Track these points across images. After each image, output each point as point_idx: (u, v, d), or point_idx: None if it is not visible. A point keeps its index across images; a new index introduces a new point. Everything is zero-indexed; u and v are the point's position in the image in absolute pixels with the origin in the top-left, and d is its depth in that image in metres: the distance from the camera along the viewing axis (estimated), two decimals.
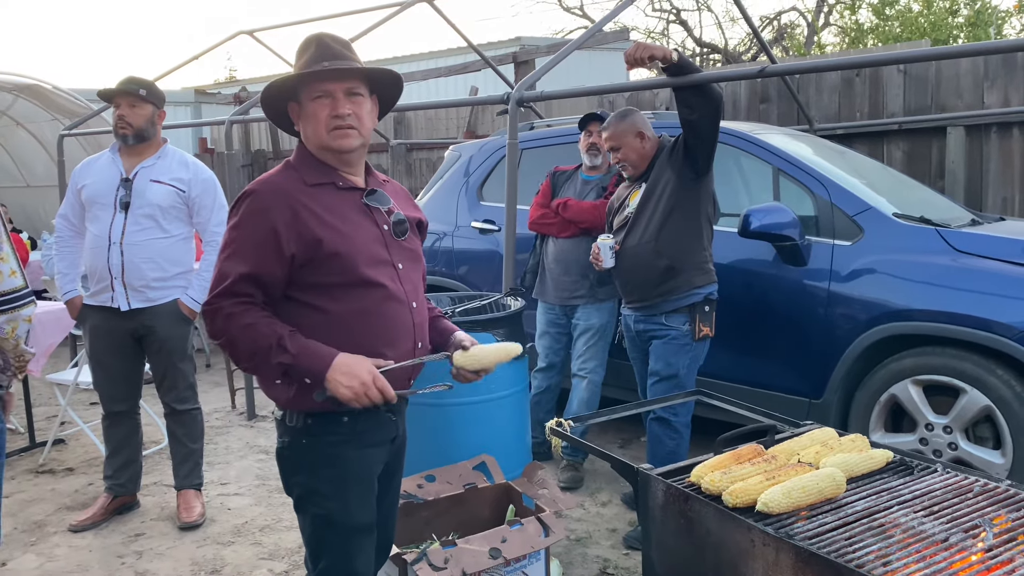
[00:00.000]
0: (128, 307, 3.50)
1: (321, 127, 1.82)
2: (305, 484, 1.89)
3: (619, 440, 4.55)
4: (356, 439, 1.87)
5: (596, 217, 3.92)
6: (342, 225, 1.82)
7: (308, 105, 1.84)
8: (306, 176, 1.84)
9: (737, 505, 1.84)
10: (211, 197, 3.61)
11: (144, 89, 3.53)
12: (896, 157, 5.85)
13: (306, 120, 1.86)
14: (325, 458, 1.86)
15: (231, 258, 1.77)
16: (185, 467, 3.72)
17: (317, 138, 1.84)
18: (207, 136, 12.33)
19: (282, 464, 1.93)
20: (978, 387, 3.16)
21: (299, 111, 1.88)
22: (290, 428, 1.87)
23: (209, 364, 6.73)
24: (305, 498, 1.91)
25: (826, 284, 3.57)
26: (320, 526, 1.90)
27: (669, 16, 20.81)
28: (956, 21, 13.79)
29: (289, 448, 1.89)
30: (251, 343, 1.74)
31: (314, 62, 1.82)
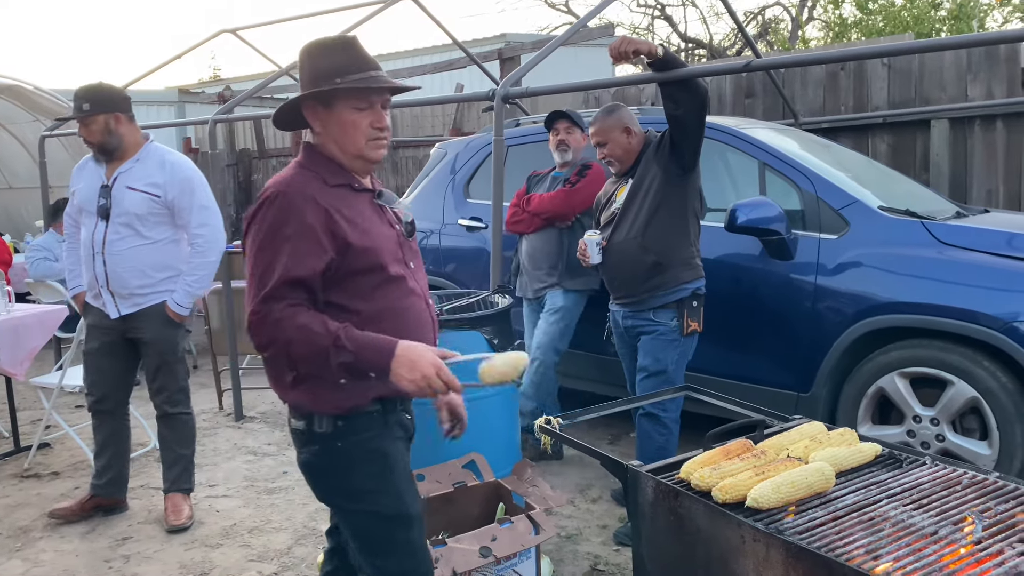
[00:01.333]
0: (118, 314, 3.47)
1: (361, 137, 1.82)
2: (349, 487, 1.84)
3: (608, 436, 4.56)
4: (388, 431, 1.86)
5: (556, 206, 3.98)
6: (366, 224, 1.81)
7: (345, 113, 1.81)
8: (326, 177, 1.82)
9: (727, 501, 1.83)
10: (188, 198, 3.48)
11: (87, 103, 3.39)
12: (881, 150, 5.87)
13: (339, 127, 1.82)
14: (365, 456, 1.82)
15: (271, 262, 1.70)
16: (174, 471, 3.68)
17: (354, 147, 1.83)
18: (191, 136, 12.25)
19: (315, 474, 1.87)
20: (965, 379, 3.18)
21: (324, 114, 1.84)
22: (319, 435, 1.81)
23: (196, 366, 6.69)
24: (354, 501, 1.85)
25: (813, 278, 3.58)
26: (380, 524, 1.85)
27: (654, 12, 20.83)
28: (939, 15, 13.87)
29: (322, 455, 1.83)
30: (307, 345, 1.67)
31: (355, 69, 1.79)
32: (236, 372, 5.19)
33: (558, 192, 4.02)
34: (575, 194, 3.97)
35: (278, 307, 1.67)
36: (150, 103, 13.33)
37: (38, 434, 4.60)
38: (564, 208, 3.98)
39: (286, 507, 3.77)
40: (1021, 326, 3.08)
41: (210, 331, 5.46)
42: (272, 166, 10.43)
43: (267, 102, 11.74)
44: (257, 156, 10.80)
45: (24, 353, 4.34)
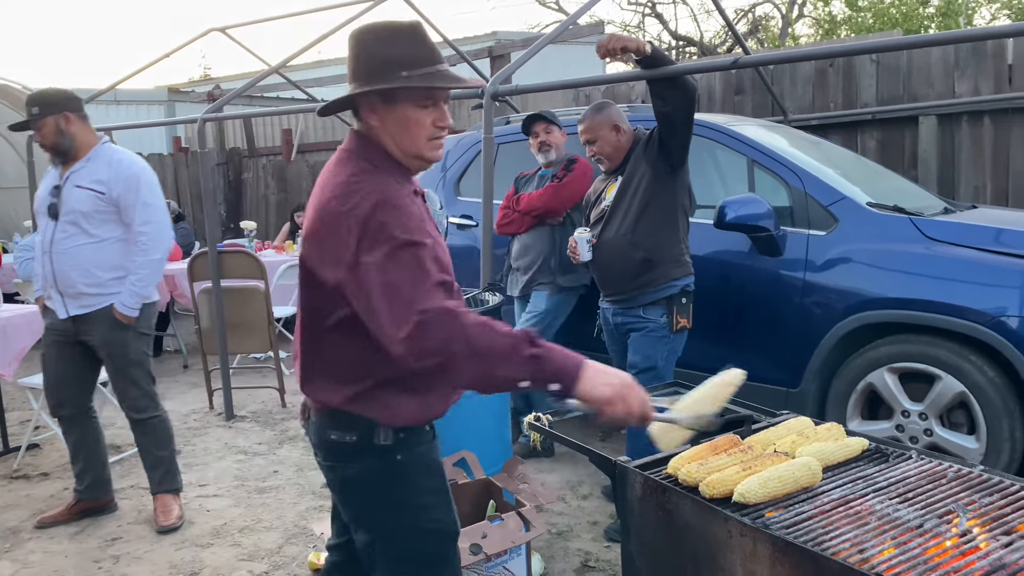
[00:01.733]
0: (66, 314, 3.44)
1: (422, 135, 1.68)
2: (410, 501, 1.71)
3: (599, 433, 4.56)
4: (434, 443, 1.78)
5: (544, 203, 4.01)
6: (433, 232, 1.70)
7: (408, 110, 1.66)
8: (397, 179, 1.68)
9: (714, 496, 1.84)
10: (133, 195, 3.40)
11: (36, 107, 3.37)
12: (870, 147, 5.90)
13: (400, 124, 1.67)
14: (425, 468, 1.73)
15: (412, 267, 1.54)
16: (157, 473, 3.65)
17: (413, 145, 1.69)
18: (181, 135, 12.21)
19: (365, 490, 1.72)
20: (952, 374, 3.20)
21: (383, 110, 1.67)
22: (379, 447, 1.67)
23: (187, 365, 6.67)
24: (414, 516, 1.72)
25: (802, 274, 3.59)
26: (433, 542, 1.75)
27: (644, 9, 20.87)
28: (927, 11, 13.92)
29: (378, 469, 1.68)
30: (489, 339, 1.49)
31: (422, 62, 1.65)
32: (226, 371, 5.18)
33: (547, 188, 4.02)
34: (564, 188, 3.98)
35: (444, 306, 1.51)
36: (140, 102, 13.28)
37: (27, 435, 4.58)
38: (554, 203, 3.99)
39: (277, 506, 3.77)
40: (1008, 321, 3.10)
41: (200, 330, 5.44)
42: (262, 165, 10.40)
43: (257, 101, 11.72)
44: (247, 155, 10.78)
45: (12, 354, 4.32)
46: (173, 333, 7.07)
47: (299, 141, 10.54)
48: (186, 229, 7.90)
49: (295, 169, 10.01)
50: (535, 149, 4.14)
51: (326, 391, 1.71)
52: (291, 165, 10.14)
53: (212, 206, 5.48)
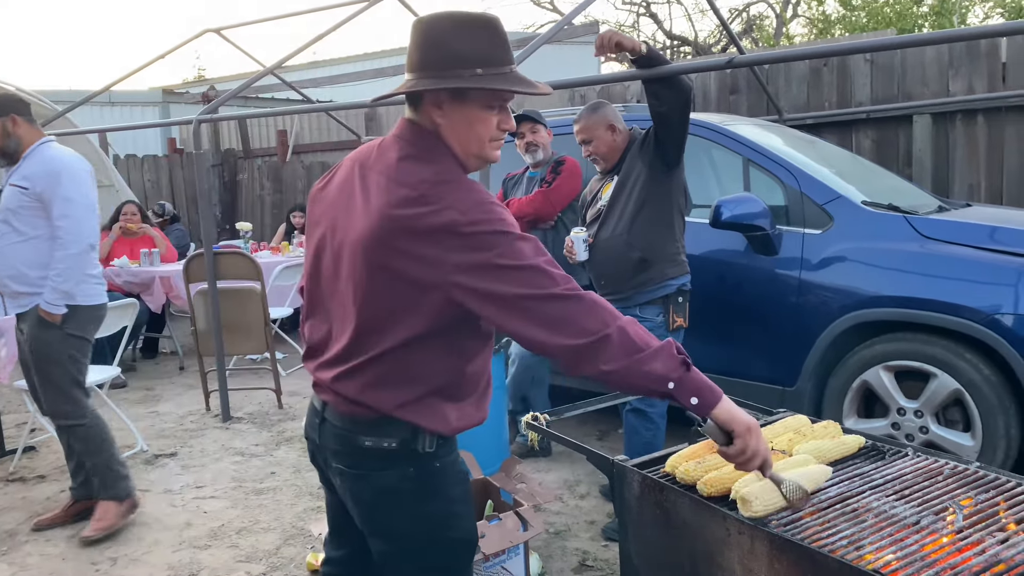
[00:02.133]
0: (4, 313, 3.46)
1: (485, 136, 1.62)
2: (442, 510, 1.67)
3: (597, 432, 4.57)
4: (458, 451, 1.75)
5: (536, 209, 4.01)
6: None
7: (477, 110, 1.60)
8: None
9: (712, 494, 1.85)
10: (53, 189, 3.32)
11: None
12: (864, 146, 5.91)
13: (466, 122, 1.61)
14: (456, 477, 1.70)
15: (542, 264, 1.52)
16: (96, 479, 3.56)
17: (477, 145, 1.63)
18: (176, 136, 12.19)
19: (398, 500, 1.65)
20: (948, 371, 3.21)
21: (450, 106, 1.61)
22: (421, 455, 1.62)
23: (182, 367, 6.66)
24: (444, 526, 1.68)
25: (797, 273, 3.60)
26: (461, 550, 1.72)
27: (639, 9, 20.88)
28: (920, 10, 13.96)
29: (420, 476, 1.63)
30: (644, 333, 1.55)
31: (498, 61, 1.59)
32: (223, 373, 5.17)
33: (536, 194, 4.01)
34: (553, 192, 3.98)
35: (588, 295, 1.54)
36: (134, 103, 13.25)
37: (23, 438, 4.57)
38: (545, 208, 3.98)
39: (274, 507, 3.77)
40: (1003, 319, 3.11)
41: (196, 332, 5.44)
42: (257, 166, 10.39)
43: (251, 102, 11.70)
44: (242, 156, 10.76)
45: (8, 356, 4.31)
46: (169, 335, 7.06)
47: (294, 142, 10.53)
48: (181, 231, 7.89)
49: (290, 170, 10.00)
50: (522, 150, 4.14)
51: (375, 395, 1.60)
52: (286, 166, 10.13)
53: (207, 207, 5.47)
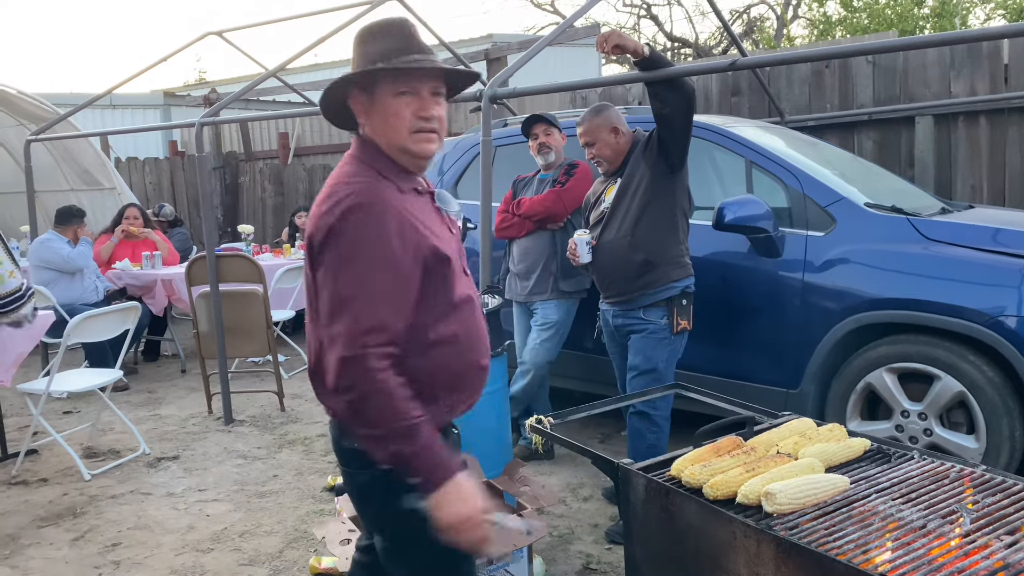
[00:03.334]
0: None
1: (403, 127, 1.63)
2: (413, 513, 1.64)
3: (599, 435, 4.56)
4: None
5: (547, 208, 4.00)
6: (438, 231, 1.67)
7: (387, 100, 1.62)
8: (397, 181, 1.65)
9: (717, 498, 1.84)
10: None
11: None
12: (866, 147, 5.91)
13: (382, 116, 1.64)
14: None
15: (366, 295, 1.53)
16: None
17: (396, 138, 1.64)
18: (177, 139, 12.20)
19: (375, 499, 1.70)
20: (951, 373, 3.20)
21: (367, 103, 1.65)
22: None
23: (184, 370, 6.66)
24: (413, 525, 1.64)
25: (800, 275, 3.60)
26: (452, 557, 1.68)
27: (640, 11, 20.90)
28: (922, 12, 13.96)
29: (387, 477, 1.61)
30: (380, 413, 1.51)
31: (399, 52, 1.61)
32: (225, 376, 5.17)
33: (549, 193, 4.02)
34: (566, 193, 3.98)
35: (374, 354, 1.51)
36: (136, 106, 13.26)
37: (26, 441, 4.56)
38: (557, 208, 3.98)
39: (277, 510, 3.76)
40: (1006, 320, 3.10)
41: (198, 335, 5.43)
42: (259, 168, 10.39)
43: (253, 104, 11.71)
44: (244, 159, 10.77)
45: (11, 359, 4.30)
46: (171, 338, 7.05)
47: (296, 144, 10.54)
48: (183, 234, 7.89)
49: (292, 172, 10.00)
50: (534, 151, 4.14)
51: (333, 397, 1.64)
52: (288, 168, 10.13)
53: (209, 210, 5.47)
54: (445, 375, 1.68)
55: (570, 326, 4.13)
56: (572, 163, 4.09)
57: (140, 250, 6.83)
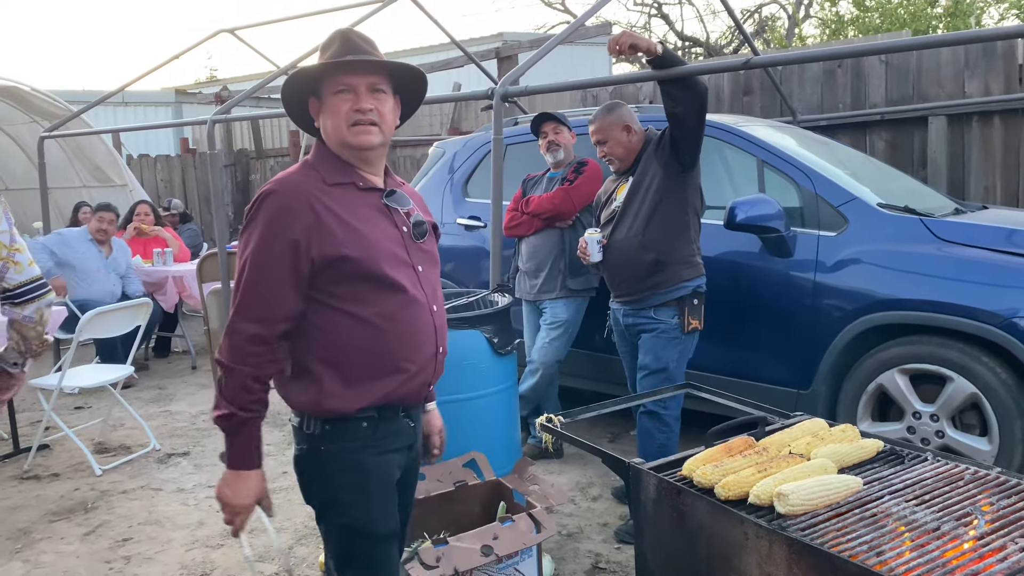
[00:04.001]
0: None
1: (341, 122, 1.75)
2: (325, 493, 1.82)
3: (608, 434, 4.56)
4: (375, 445, 1.81)
5: (555, 205, 4.00)
6: (362, 226, 1.76)
7: (329, 99, 1.76)
8: (326, 175, 1.77)
9: (729, 498, 1.84)
10: None
11: None
12: (879, 147, 5.88)
13: (326, 115, 1.78)
14: (344, 465, 1.80)
15: (255, 282, 1.71)
16: None
17: (337, 134, 1.77)
18: (188, 136, 12.25)
19: (300, 473, 1.86)
20: (964, 375, 3.18)
21: (320, 106, 1.80)
22: (308, 435, 1.81)
23: (195, 366, 6.68)
24: (326, 508, 1.84)
25: (812, 275, 3.58)
26: (344, 537, 1.83)
27: (650, 10, 20.85)
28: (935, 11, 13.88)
29: (307, 456, 1.82)
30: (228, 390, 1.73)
31: (338, 56, 1.75)
32: None
33: (557, 191, 4.02)
34: (575, 191, 3.98)
35: (244, 337, 1.70)
36: (147, 104, 13.33)
37: (37, 436, 4.59)
38: (566, 206, 3.98)
39: (286, 507, 3.77)
40: (1020, 322, 3.08)
41: (209, 331, 5.45)
42: (270, 166, 10.42)
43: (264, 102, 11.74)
44: (255, 156, 10.79)
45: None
46: (182, 334, 7.08)
47: (307, 143, 10.56)
48: (193, 230, 7.92)
49: None
50: (544, 149, 4.14)
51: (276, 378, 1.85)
52: None
53: (220, 207, 5.49)
54: (348, 357, 1.76)
55: (579, 325, 4.13)
56: (582, 161, 4.08)
57: (151, 247, 6.86)
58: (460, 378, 3.13)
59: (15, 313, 2.20)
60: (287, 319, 1.72)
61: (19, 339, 2.26)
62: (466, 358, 3.18)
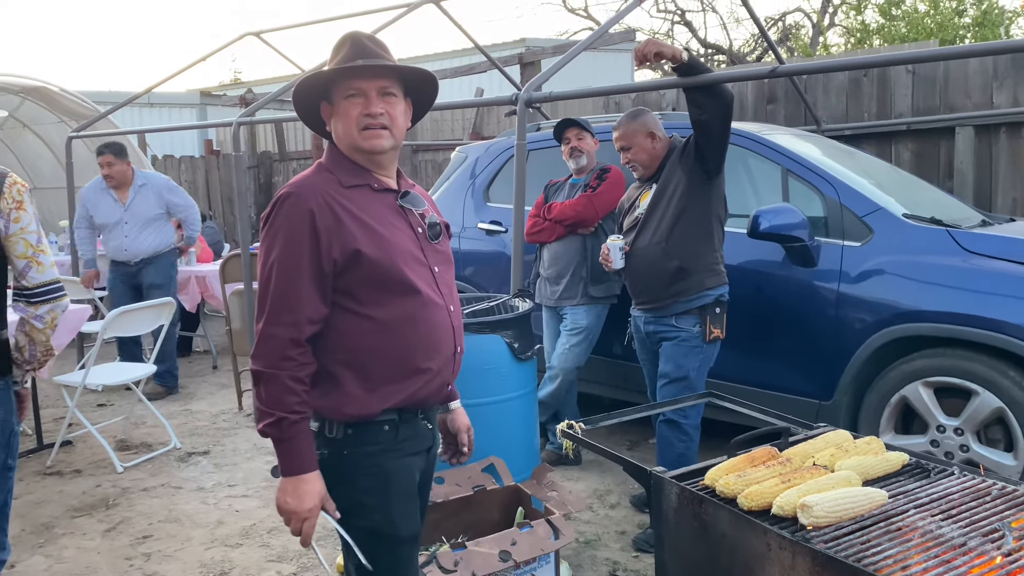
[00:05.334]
0: None
1: (352, 126, 1.77)
2: (348, 496, 1.81)
3: (627, 442, 4.54)
4: (396, 448, 1.82)
5: (578, 212, 4.00)
6: (381, 228, 1.77)
7: (340, 104, 1.78)
8: (342, 178, 1.79)
9: (752, 508, 1.82)
10: None
11: None
12: (904, 158, 5.82)
13: (337, 119, 1.81)
14: (366, 469, 1.80)
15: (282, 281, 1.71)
16: None
17: (348, 137, 1.79)
18: (212, 138, 12.36)
19: (324, 478, 1.82)
20: (990, 389, 3.14)
21: (331, 111, 1.83)
22: (329, 439, 1.80)
23: (216, 366, 6.73)
24: (349, 511, 1.82)
25: (836, 285, 3.55)
26: (366, 539, 1.83)
27: (674, 17, 20.81)
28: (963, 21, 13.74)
29: (329, 460, 1.81)
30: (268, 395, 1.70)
31: (348, 60, 1.76)
32: None
33: (580, 198, 4.01)
34: (597, 198, 3.97)
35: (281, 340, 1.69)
36: (172, 105, 13.46)
37: (61, 432, 4.65)
38: (588, 213, 3.98)
39: None
40: None
41: (231, 331, 5.49)
42: (293, 168, 10.51)
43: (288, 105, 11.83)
44: (278, 159, 10.88)
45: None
46: (203, 334, 7.14)
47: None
48: (213, 228, 7.99)
49: None
50: (567, 155, 4.14)
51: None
52: None
53: (244, 208, 5.53)
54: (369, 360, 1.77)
55: (600, 331, 4.12)
56: (604, 168, 4.08)
57: None
58: (480, 382, 3.13)
59: (28, 311, 2.21)
60: (315, 320, 1.73)
61: (27, 342, 2.25)
62: (486, 362, 3.19)
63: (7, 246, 2.18)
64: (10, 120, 8.18)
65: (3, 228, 2.17)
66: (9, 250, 2.18)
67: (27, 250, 2.19)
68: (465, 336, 1.97)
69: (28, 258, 2.19)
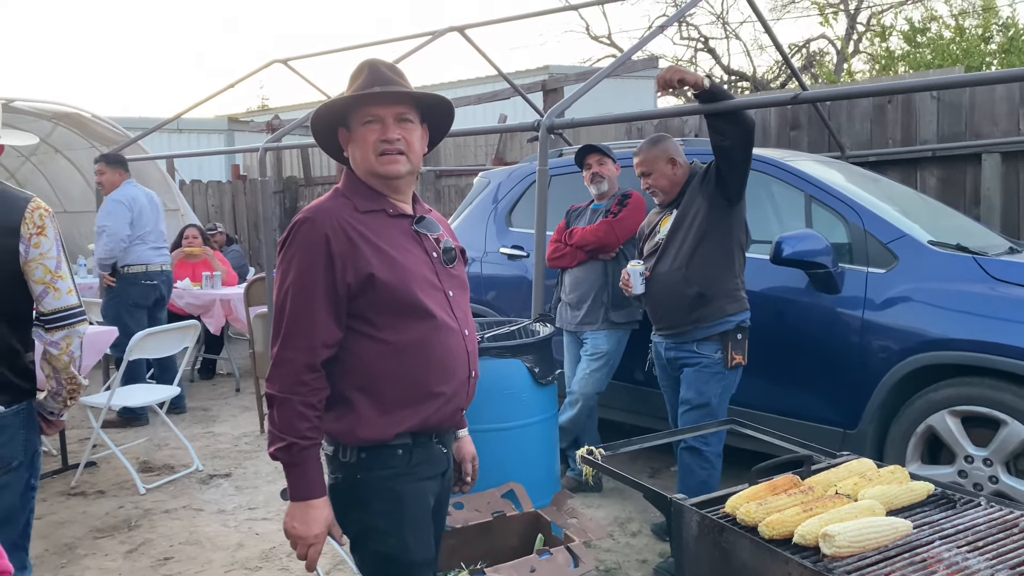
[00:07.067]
0: None
1: (369, 152, 1.79)
2: (361, 521, 1.83)
3: (648, 469, 4.50)
4: (410, 472, 1.82)
5: (599, 238, 4.00)
6: (395, 253, 1.79)
7: (357, 130, 1.81)
8: (357, 203, 1.81)
9: (774, 537, 1.79)
10: None
11: None
12: (930, 184, 5.78)
13: (355, 145, 1.83)
14: (380, 493, 1.81)
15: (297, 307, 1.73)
16: None
17: (365, 163, 1.81)
18: (239, 163, 12.54)
19: (335, 501, 1.84)
20: (1019, 418, 3.08)
21: (348, 137, 1.85)
22: (343, 464, 1.81)
23: (239, 389, 6.78)
24: (363, 536, 1.84)
25: (860, 312, 3.52)
26: (380, 564, 1.84)
27: (697, 44, 20.88)
28: (989, 48, 13.66)
29: (343, 484, 1.83)
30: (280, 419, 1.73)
31: (365, 87, 1.79)
32: None
33: (601, 223, 4.02)
34: (619, 223, 3.98)
35: (295, 364, 1.71)
36: (200, 131, 13.68)
37: (85, 453, 4.69)
38: (609, 238, 3.99)
39: None
40: None
41: (254, 354, 5.53)
42: (318, 193, 10.63)
43: None
44: (304, 184, 11.02)
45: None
46: (226, 356, 7.20)
47: None
48: (238, 251, 8.10)
49: None
50: (588, 180, 4.16)
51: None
52: None
53: (269, 233, 5.60)
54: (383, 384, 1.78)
55: (620, 357, 4.11)
56: (625, 193, 4.09)
57: (200, 270, 7.00)
58: (500, 407, 3.13)
59: (44, 337, 2.23)
60: (329, 345, 1.74)
61: (51, 372, 2.26)
62: (507, 387, 3.18)
63: (26, 271, 2.20)
64: (43, 146, 8.35)
65: (24, 253, 2.18)
66: (28, 275, 2.20)
67: (45, 275, 2.21)
68: (486, 360, 1.99)
69: (46, 283, 2.21)
